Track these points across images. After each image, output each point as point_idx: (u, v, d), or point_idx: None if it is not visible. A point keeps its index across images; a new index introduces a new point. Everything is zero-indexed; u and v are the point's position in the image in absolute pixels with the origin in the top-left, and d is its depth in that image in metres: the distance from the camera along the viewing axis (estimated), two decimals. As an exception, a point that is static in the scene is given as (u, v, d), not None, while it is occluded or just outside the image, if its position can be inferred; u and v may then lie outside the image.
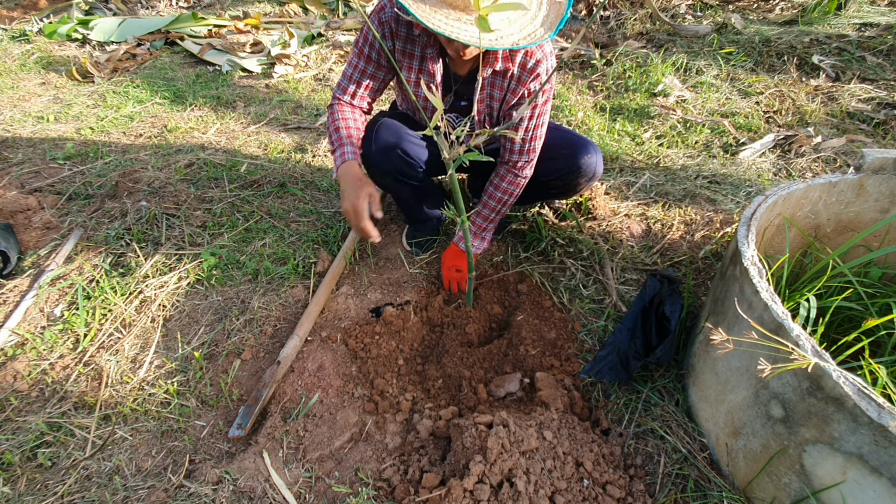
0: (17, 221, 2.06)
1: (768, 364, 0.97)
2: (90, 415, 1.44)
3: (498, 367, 1.63)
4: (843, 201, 1.55)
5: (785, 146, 2.64)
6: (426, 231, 2.03)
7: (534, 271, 1.91)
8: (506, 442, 1.24)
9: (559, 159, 1.73)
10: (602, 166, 1.76)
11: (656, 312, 1.57)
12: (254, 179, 2.38)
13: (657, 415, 1.43)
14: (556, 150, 1.73)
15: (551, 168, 1.74)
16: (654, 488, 1.28)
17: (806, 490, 1.07)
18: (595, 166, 1.72)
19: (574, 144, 1.73)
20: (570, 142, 1.74)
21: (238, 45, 3.81)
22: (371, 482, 1.30)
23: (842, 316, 1.40)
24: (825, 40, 3.52)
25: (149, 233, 2.04)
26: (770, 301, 1.09)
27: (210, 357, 1.61)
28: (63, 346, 1.61)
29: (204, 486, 1.25)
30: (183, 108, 3.09)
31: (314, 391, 1.49)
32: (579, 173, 1.72)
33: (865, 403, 0.91)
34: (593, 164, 1.72)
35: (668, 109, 2.98)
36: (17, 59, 3.70)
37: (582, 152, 1.70)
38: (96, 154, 2.57)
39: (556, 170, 1.74)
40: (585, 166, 1.70)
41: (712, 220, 2.06)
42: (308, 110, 3.12)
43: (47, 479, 1.30)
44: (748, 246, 1.23)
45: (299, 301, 1.78)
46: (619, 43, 3.80)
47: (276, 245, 2.02)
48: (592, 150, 1.71)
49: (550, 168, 1.74)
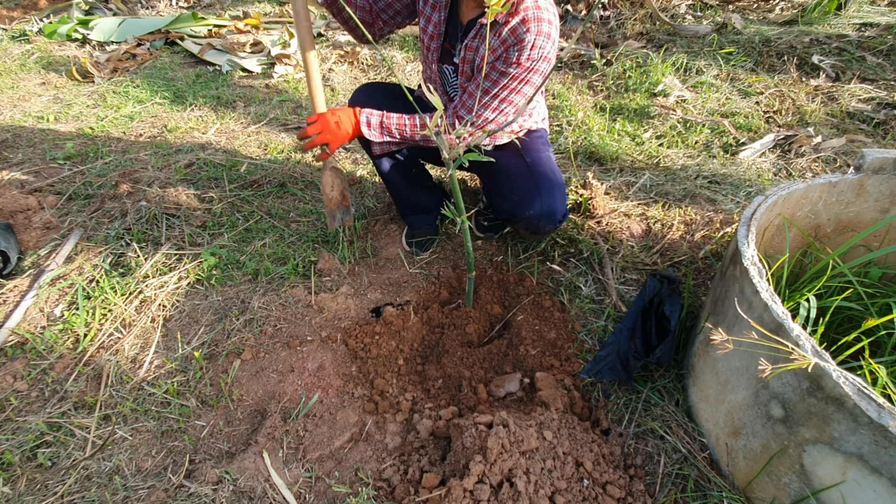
0: (17, 221, 2.06)
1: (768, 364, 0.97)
2: (90, 415, 1.44)
3: (498, 367, 1.63)
4: (843, 201, 1.55)
5: (785, 146, 2.64)
6: (425, 231, 2.03)
7: (534, 271, 1.91)
8: (506, 442, 1.24)
9: (506, 202, 1.64)
10: (551, 223, 1.63)
11: (656, 312, 1.57)
12: (254, 179, 2.38)
13: (657, 415, 1.43)
14: (505, 189, 1.64)
15: (500, 207, 1.69)
16: (654, 488, 1.28)
17: (806, 490, 1.07)
18: (535, 222, 1.62)
19: (522, 190, 1.61)
20: (521, 186, 1.62)
21: (238, 45, 3.81)
22: (371, 482, 1.30)
23: (842, 316, 1.39)
24: (825, 40, 3.52)
25: (149, 233, 2.04)
26: (770, 301, 1.09)
27: (210, 357, 1.61)
28: (63, 346, 1.61)
29: (204, 486, 1.25)
30: (183, 108, 3.09)
31: (314, 391, 1.49)
32: (523, 224, 1.65)
33: (865, 403, 0.91)
34: (535, 219, 1.60)
35: (668, 109, 2.98)
36: (17, 59, 3.70)
37: (526, 203, 1.59)
38: (96, 154, 2.57)
39: (504, 211, 1.66)
40: (528, 220, 1.62)
41: (712, 220, 2.06)
42: (308, 110, 3.12)
43: (47, 479, 1.30)
44: (748, 246, 1.23)
45: (299, 301, 1.78)
46: (619, 43, 3.80)
47: (276, 245, 2.02)
48: (538, 200, 1.59)
49: (499, 206, 1.69)
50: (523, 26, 1.39)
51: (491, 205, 1.74)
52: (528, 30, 1.38)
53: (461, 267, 1.97)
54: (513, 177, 1.65)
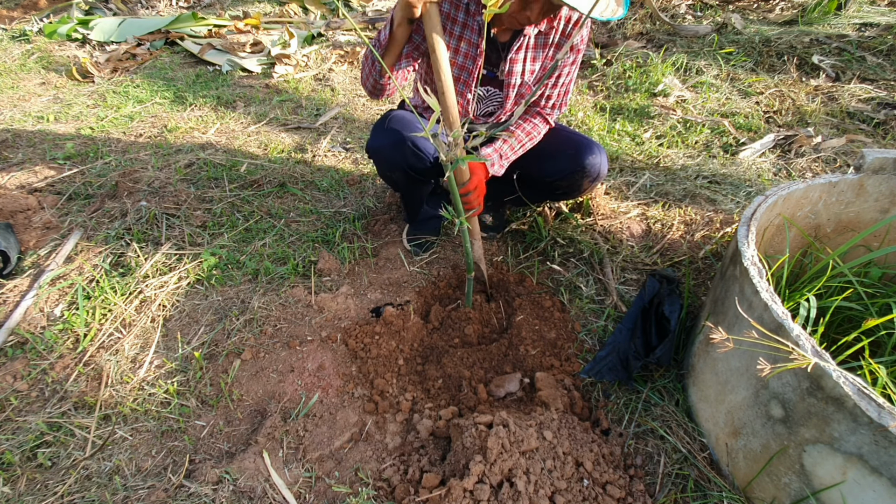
0: (17, 221, 2.06)
1: (768, 364, 0.97)
2: (90, 415, 1.44)
3: (498, 367, 1.63)
4: (843, 201, 1.55)
5: (785, 146, 2.64)
6: (426, 231, 2.03)
7: (534, 271, 1.91)
8: (506, 442, 1.24)
9: (563, 160, 1.73)
10: (606, 166, 1.76)
11: (656, 312, 1.57)
12: (254, 179, 2.39)
13: (657, 415, 1.43)
14: (561, 150, 1.73)
15: (555, 168, 1.74)
16: (654, 488, 1.28)
17: (806, 490, 1.07)
18: (599, 167, 1.72)
19: (578, 144, 1.72)
20: (575, 142, 1.74)
21: (238, 45, 3.81)
22: (371, 482, 1.30)
23: (842, 316, 1.39)
24: (825, 40, 3.52)
25: (149, 233, 2.04)
26: (770, 301, 1.09)
27: (210, 357, 1.61)
28: (63, 346, 1.61)
29: (204, 486, 1.25)
30: (183, 108, 3.09)
31: (314, 391, 1.49)
32: (583, 174, 1.72)
33: (865, 403, 0.91)
34: (598, 165, 1.72)
35: (668, 109, 2.98)
36: (17, 59, 3.70)
37: (586, 153, 1.70)
38: (96, 154, 2.57)
39: (560, 170, 1.74)
40: (590, 167, 1.70)
41: (712, 220, 2.06)
42: (308, 110, 3.13)
43: (47, 479, 1.30)
44: (748, 246, 1.23)
45: (299, 301, 1.78)
46: (619, 43, 3.80)
47: (276, 245, 2.02)
48: (597, 150, 1.71)
49: (555, 168, 1.74)
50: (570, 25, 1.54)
51: (542, 175, 1.77)
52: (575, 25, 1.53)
53: (461, 267, 1.97)
54: (560, 139, 1.78)
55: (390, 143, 1.64)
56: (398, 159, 1.66)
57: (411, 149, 1.64)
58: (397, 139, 1.63)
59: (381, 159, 1.71)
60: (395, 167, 1.70)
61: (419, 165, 1.69)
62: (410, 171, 1.70)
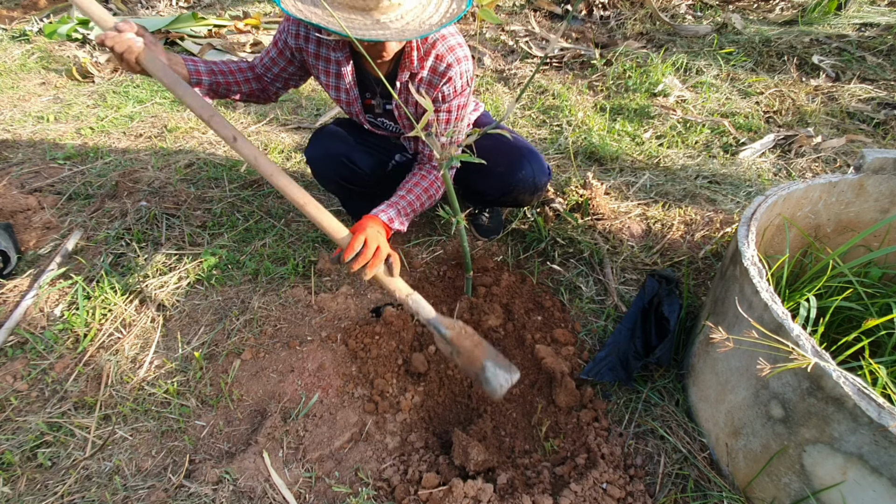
0: (17, 221, 2.06)
1: (768, 364, 0.97)
2: (90, 415, 1.44)
3: (498, 367, 1.63)
4: (843, 201, 1.55)
5: (785, 146, 2.64)
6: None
7: (534, 271, 1.91)
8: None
9: (495, 178, 1.67)
10: (544, 176, 1.69)
11: (655, 312, 1.57)
12: (254, 179, 2.38)
13: (657, 415, 1.43)
14: (491, 168, 1.63)
15: (491, 187, 1.70)
16: (654, 488, 1.28)
17: (806, 490, 1.07)
18: (532, 180, 1.65)
19: (508, 161, 1.65)
20: (505, 157, 1.66)
21: (238, 45, 3.81)
22: (371, 482, 1.30)
23: (842, 316, 1.40)
24: (825, 40, 3.52)
25: (149, 233, 2.04)
26: (770, 301, 1.09)
27: (210, 357, 1.61)
28: (63, 346, 1.61)
29: (204, 486, 1.25)
30: (183, 108, 3.09)
31: (314, 391, 1.49)
32: (519, 189, 1.67)
33: (865, 403, 0.91)
34: (529, 180, 1.64)
35: (668, 109, 2.98)
36: (17, 59, 3.70)
37: (516, 169, 1.63)
38: (96, 154, 2.57)
39: (496, 188, 1.69)
40: (521, 183, 1.64)
41: (712, 220, 2.06)
42: (308, 110, 3.12)
43: (47, 479, 1.30)
44: (748, 246, 1.23)
45: (299, 301, 1.78)
46: (619, 43, 3.80)
47: (276, 245, 2.02)
48: (526, 163, 1.64)
49: (490, 187, 1.70)
50: (440, 63, 1.43)
51: (479, 192, 1.73)
52: (449, 64, 1.43)
53: (460, 267, 1.97)
54: (493, 154, 1.64)
55: (323, 157, 1.66)
56: (332, 174, 1.69)
57: (345, 163, 1.66)
58: (330, 153, 1.65)
59: (317, 173, 1.74)
60: (330, 181, 1.73)
61: (353, 178, 1.70)
62: (345, 182, 1.72)
